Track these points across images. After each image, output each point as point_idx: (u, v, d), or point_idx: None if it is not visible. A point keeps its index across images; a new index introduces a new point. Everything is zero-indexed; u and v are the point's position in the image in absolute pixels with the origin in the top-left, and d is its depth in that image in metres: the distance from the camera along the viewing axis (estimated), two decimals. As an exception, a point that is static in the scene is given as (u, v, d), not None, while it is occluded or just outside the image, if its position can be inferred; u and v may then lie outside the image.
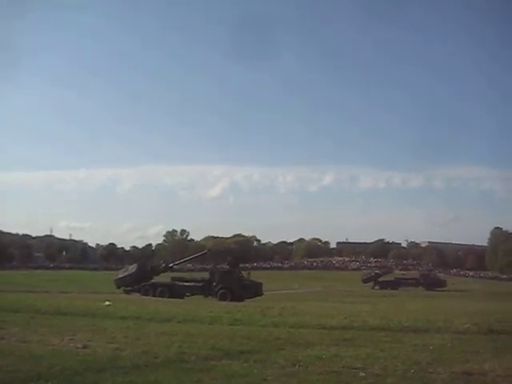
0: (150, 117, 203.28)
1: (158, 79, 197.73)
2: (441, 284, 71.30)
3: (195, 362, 9.95)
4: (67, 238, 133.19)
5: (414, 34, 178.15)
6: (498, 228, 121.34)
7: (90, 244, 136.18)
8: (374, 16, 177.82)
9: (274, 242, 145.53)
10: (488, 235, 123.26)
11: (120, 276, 41.14)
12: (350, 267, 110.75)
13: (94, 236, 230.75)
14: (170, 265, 44.06)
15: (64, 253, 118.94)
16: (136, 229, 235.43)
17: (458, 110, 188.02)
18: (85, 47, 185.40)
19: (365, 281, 74.41)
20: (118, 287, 40.01)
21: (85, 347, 11.29)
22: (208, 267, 53.71)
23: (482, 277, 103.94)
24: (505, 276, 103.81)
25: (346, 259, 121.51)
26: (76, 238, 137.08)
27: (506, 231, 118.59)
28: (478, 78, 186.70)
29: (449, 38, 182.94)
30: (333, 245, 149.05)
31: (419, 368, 9.79)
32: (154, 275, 40.75)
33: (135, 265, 42.53)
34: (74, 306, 20.89)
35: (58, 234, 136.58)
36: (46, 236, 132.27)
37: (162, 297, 35.35)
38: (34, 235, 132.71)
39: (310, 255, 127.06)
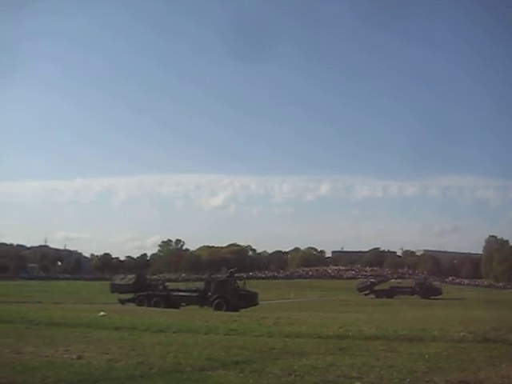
0: (145, 126, 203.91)
1: (153, 89, 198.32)
2: (436, 292, 71.14)
3: (191, 373, 9.89)
4: (62, 248, 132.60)
5: (410, 44, 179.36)
6: (492, 236, 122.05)
7: (84, 254, 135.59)
8: (371, 25, 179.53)
9: (270, 251, 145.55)
10: (483, 243, 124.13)
11: (117, 282, 41.01)
12: (345, 276, 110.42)
13: (91, 246, 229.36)
14: (169, 287, 43.28)
15: (58, 263, 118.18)
16: (134, 239, 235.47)
17: (454, 119, 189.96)
18: (83, 57, 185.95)
19: (360, 289, 74.15)
20: (112, 292, 39.98)
21: (79, 358, 11.19)
22: (203, 277, 53.37)
23: (477, 285, 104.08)
24: (500, 284, 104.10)
25: (342, 268, 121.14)
26: (71, 248, 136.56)
27: (500, 239, 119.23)
28: (473, 87, 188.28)
29: (444, 47, 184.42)
30: (328, 254, 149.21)
31: (415, 377, 9.78)
32: (151, 291, 40.48)
33: (134, 276, 42.26)
34: (68, 317, 20.67)
35: (54, 245, 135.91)
36: (41, 246, 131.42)
37: (157, 307, 35.10)
38: (28, 245, 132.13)
39: (306, 264, 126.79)
